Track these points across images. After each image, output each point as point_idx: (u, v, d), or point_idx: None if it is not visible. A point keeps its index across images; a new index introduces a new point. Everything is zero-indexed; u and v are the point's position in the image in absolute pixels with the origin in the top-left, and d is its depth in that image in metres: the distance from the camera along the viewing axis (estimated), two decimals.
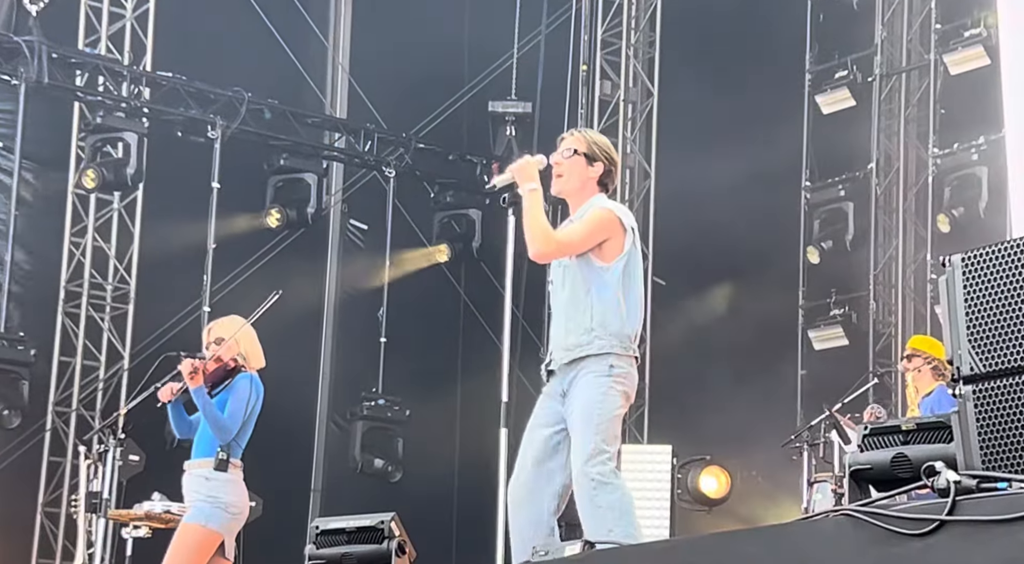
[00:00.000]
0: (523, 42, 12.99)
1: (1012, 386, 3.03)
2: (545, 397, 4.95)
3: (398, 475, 11.98)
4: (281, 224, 11.95)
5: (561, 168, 4.90)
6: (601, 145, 4.95)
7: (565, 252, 4.80)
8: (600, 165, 4.91)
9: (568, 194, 4.95)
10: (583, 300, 4.81)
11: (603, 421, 4.71)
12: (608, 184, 4.97)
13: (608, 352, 4.76)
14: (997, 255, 3.09)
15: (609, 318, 4.79)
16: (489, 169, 12.95)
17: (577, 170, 4.89)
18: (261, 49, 11.96)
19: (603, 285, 4.80)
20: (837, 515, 3.11)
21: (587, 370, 4.77)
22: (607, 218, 4.81)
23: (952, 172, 11.34)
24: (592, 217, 4.81)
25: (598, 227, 4.78)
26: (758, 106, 12.00)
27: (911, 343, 7.70)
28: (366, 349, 12.17)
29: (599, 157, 4.91)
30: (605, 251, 4.82)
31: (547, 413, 4.91)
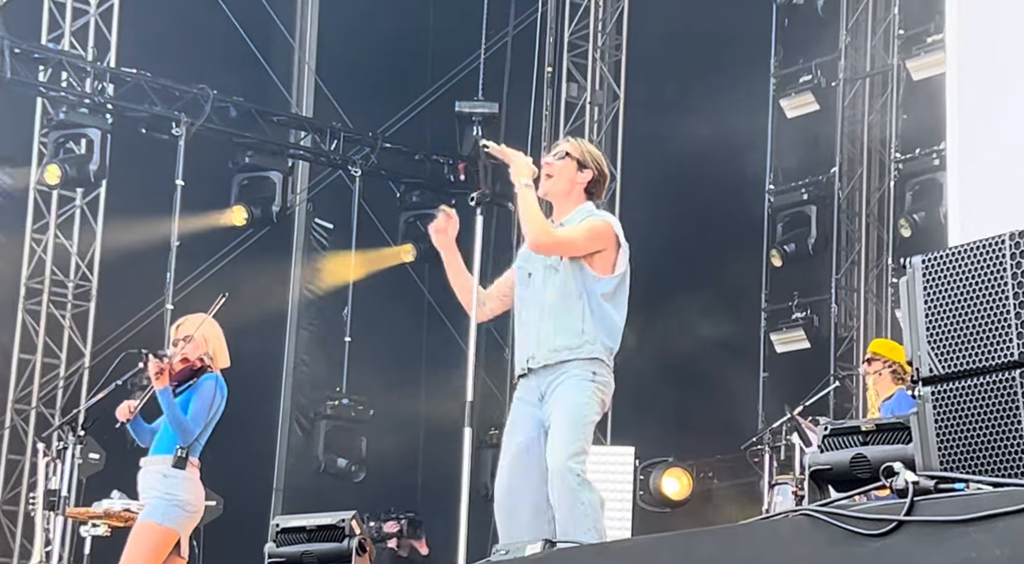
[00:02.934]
0: (490, 43, 13.01)
1: (970, 387, 3.05)
2: (521, 403, 4.96)
3: (361, 475, 11.97)
4: (246, 222, 11.91)
5: (551, 169, 4.94)
6: (594, 154, 5.01)
7: (561, 250, 4.84)
8: (589, 172, 4.95)
9: (555, 196, 4.98)
10: (575, 304, 4.83)
11: (586, 423, 4.74)
12: (595, 193, 5.00)
13: (595, 358, 4.79)
14: (957, 257, 3.12)
15: (599, 327, 4.82)
16: (456, 169, 12.96)
17: (567, 173, 4.93)
18: (227, 47, 11.92)
19: (594, 294, 4.84)
20: (796, 515, 3.13)
21: (570, 374, 4.79)
22: (606, 230, 4.85)
23: (913, 177, 11.43)
24: (592, 225, 4.85)
25: (596, 236, 4.83)
26: (723, 110, 12.05)
27: (871, 346, 7.75)
28: (330, 348, 12.15)
29: (589, 164, 4.95)
30: (596, 262, 4.85)
31: (524, 418, 4.92)
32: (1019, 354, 2.96)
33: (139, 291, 11.37)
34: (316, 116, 12.71)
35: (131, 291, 11.36)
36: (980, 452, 3.02)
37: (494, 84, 12.99)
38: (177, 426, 6.01)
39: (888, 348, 7.53)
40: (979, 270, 3.05)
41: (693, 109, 12.17)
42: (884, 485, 2.98)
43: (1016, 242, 3.01)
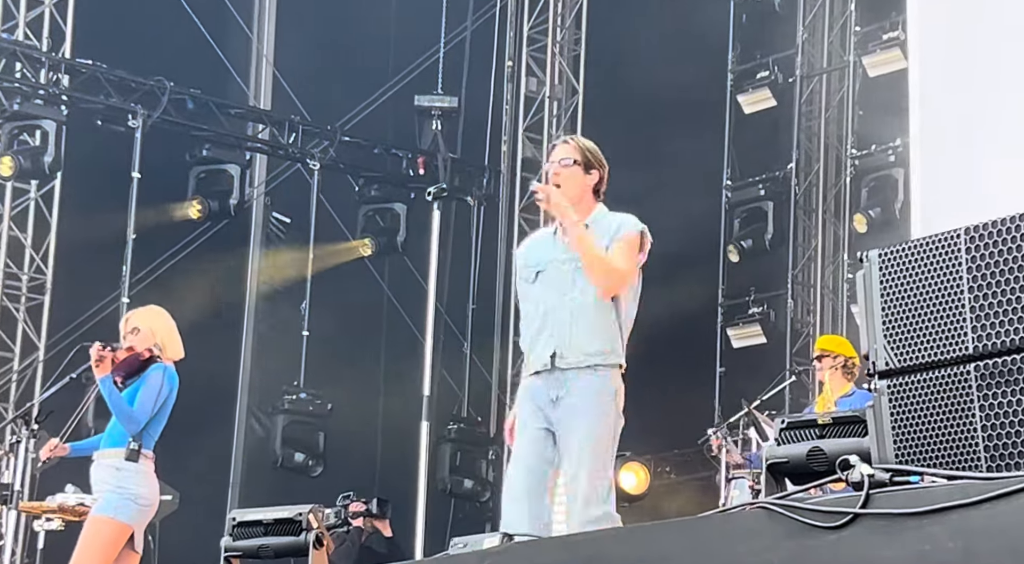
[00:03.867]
0: (449, 36, 12.99)
1: (926, 381, 3.08)
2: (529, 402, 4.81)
3: (319, 469, 11.93)
4: (203, 215, 11.84)
5: (560, 178, 4.86)
6: (595, 152, 4.93)
7: (627, 285, 4.80)
8: (596, 172, 4.90)
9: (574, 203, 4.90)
10: (609, 307, 4.76)
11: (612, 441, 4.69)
12: (601, 190, 4.95)
13: (615, 364, 4.75)
14: (913, 251, 3.14)
15: (624, 333, 4.80)
16: (415, 163, 12.93)
17: (576, 180, 4.86)
18: (184, 39, 11.83)
19: (626, 299, 4.80)
20: (753, 508, 3.14)
21: (594, 387, 4.70)
22: (643, 242, 4.84)
23: (869, 173, 11.52)
24: (631, 243, 4.81)
25: (636, 251, 4.81)
26: (682, 105, 12.09)
27: (819, 344, 7.80)
28: (288, 343, 12.10)
29: (595, 165, 4.90)
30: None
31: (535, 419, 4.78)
32: (973, 348, 2.98)
33: (94, 284, 11.28)
34: (274, 109, 12.64)
35: (86, 284, 11.26)
36: (935, 445, 3.04)
37: (453, 78, 12.98)
38: (121, 415, 5.95)
39: (835, 344, 7.59)
40: (935, 264, 3.07)
41: (652, 104, 12.21)
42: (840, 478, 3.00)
43: (971, 237, 3.04)
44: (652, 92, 12.26)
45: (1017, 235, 2.94)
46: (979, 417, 2.96)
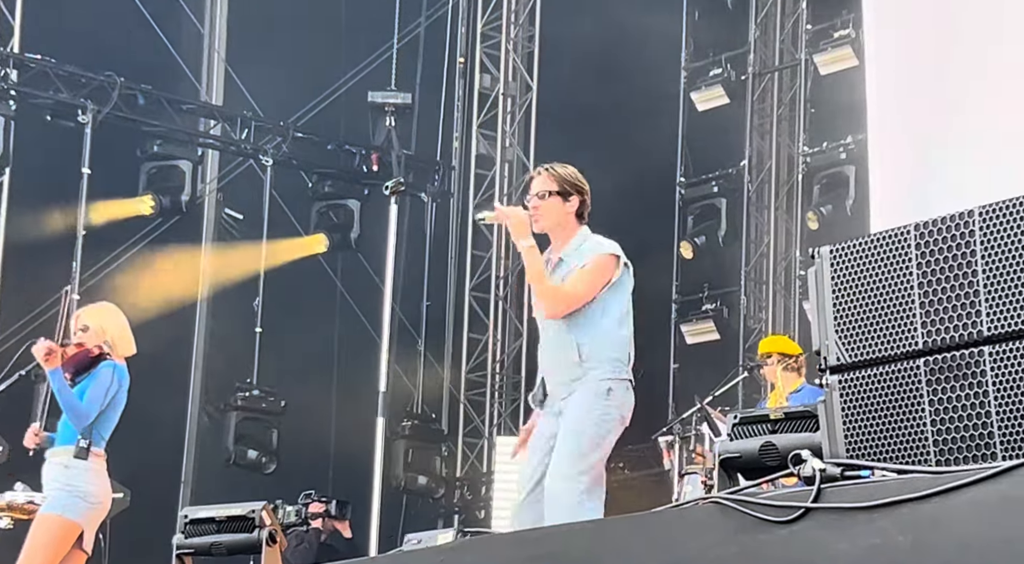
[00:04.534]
0: (403, 33, 12.96)
1: (876, 376, 3.11)
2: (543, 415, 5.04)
3: (272, 466, 11.88)
4: (154, 211, 11.75)
5: (539, 212, 4.98)
6: (571, 178, 5.05)
7: (576, 306, 4.89)
8: (575, 199, 5.01)
9: (549, 231, 5.04)
10: (565, 338, 4.91)
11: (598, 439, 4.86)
12: (584, 213, 5.06)
13: (604, 379, 4.87)
14: (863, 248, 3.17)
15: (597, 347, 4.90)
16: (368, 159, 12.89)
17: (554, 210, 4.99)
18: (135, 34, 11.73)
19: (586, 318, 4.90)
20: (706, 503, 3.16)
21: (581, 392, 4.87)
22: (609, 264, 4.92)
23: (821, 170, 11.61)
24: (596, 265, 4.90)
25: (600, 275, 4.90)
26: (636, 102, 12.13)
27: (761, 348, 7.87)
28: (241, 339, 12.03)
29: (572, 191, 5.01)
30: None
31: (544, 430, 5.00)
32: (923, 343, 3.01)
33: (44, 281, 11.16)
34: (226, 105, 12.56)
35: (36, 280, 11.15)
36: (885, 440, 3.07)
37: (407, 74, 12.94)
38: (69, 409, 5.89)
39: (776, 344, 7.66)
40: (885, 260, 3.10)
41: (605, 101, 12.24)
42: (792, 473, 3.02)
43: (920, 233, 3.07)
44: (606, 89, 12.29)
45: (966, 231, 2.97)
46: (928, 412, 2.99)
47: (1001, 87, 7.67)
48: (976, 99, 7.79)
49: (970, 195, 6.45)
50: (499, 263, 13.17)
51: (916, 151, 8.08)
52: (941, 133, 8.02)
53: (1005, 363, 2.88)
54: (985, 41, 7.90)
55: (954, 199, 6.97)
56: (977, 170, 7.58)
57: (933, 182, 7.90)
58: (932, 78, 8.18)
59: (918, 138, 8.18)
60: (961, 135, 7.89)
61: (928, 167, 7.98)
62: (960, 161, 7.82)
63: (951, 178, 7.79)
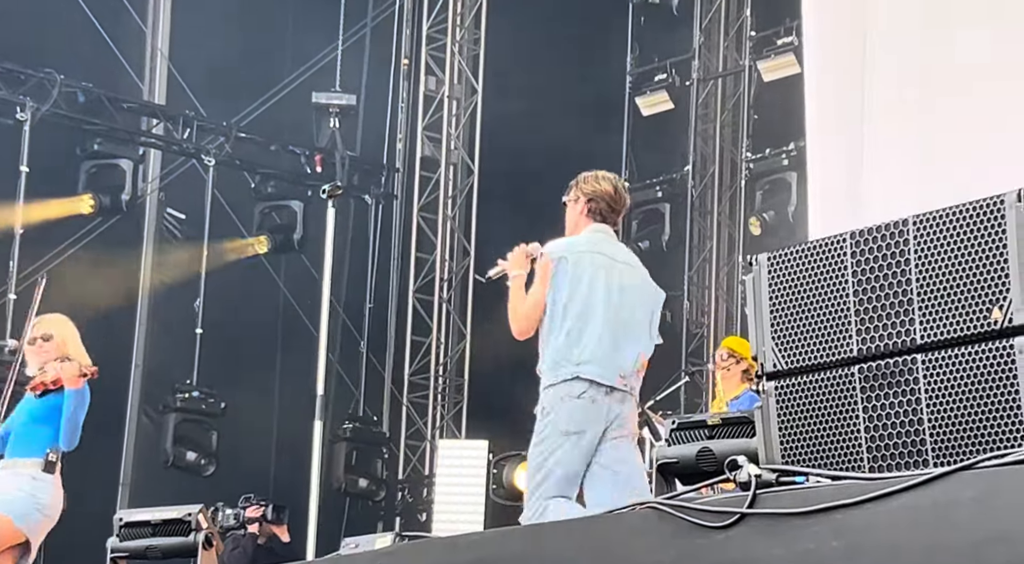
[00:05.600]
0: (348, 34, 12.91)
1: (811, 383, 3.13)
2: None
3: (211, 468, 11.79)
4: (94, 211, 11.62)
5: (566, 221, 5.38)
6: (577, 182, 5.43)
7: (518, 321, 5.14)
8: (582, 201, 5.35)
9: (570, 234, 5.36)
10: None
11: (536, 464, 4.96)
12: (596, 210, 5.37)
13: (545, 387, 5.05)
14: (800, 255, 3.20)
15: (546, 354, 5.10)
16: (312, 160, 12.83)
17: (569, 217, 5.41)
18: (76, 31, 11.60)
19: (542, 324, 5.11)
20: (643, 508, 3.17)
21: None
22: (542, 265, 5.16)
23: (764, 176, 11.70)
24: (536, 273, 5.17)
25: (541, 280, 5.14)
26: (580, 106, 12.16)
27: (725, 343, 7.89)
28: (181, 340, 11.93)
29: (580, 195, 5.37)
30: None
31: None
32: (858, 351, 3.04)
33: None
34: (169, 104, 12.44)
35: None
36: (820, 446, 3.10)
37: (352, 75, 12.90)
38: (74, 428, 5.88)
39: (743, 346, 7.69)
40: (822, 268, 3.13)
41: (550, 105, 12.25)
42: (728, 478, 3.04)
43: (856, 241, 3.10)
44: (551, 93, 12.31)
45: (900, 240, 3.00)
46: (863, 419, 3.02)
47: (936, 95, 7.77)
48: (911, 107, 7.88)
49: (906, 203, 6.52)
50: (443, 266, 13.16)
51: (852, 159, 8.16)
52: (877, 140, 8.10)
53: (937, 371, 2.92)
54: (920, 47, 8.00)
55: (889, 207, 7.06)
56: (912, 178, 7.67)
57: (870, 190, 7.98)
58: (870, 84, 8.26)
59: (854, 146, 8.25)
60: (897, 143, 7.97)
61: (864, 175, 8.06)
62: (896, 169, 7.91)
63: (887, 186, 7.87)
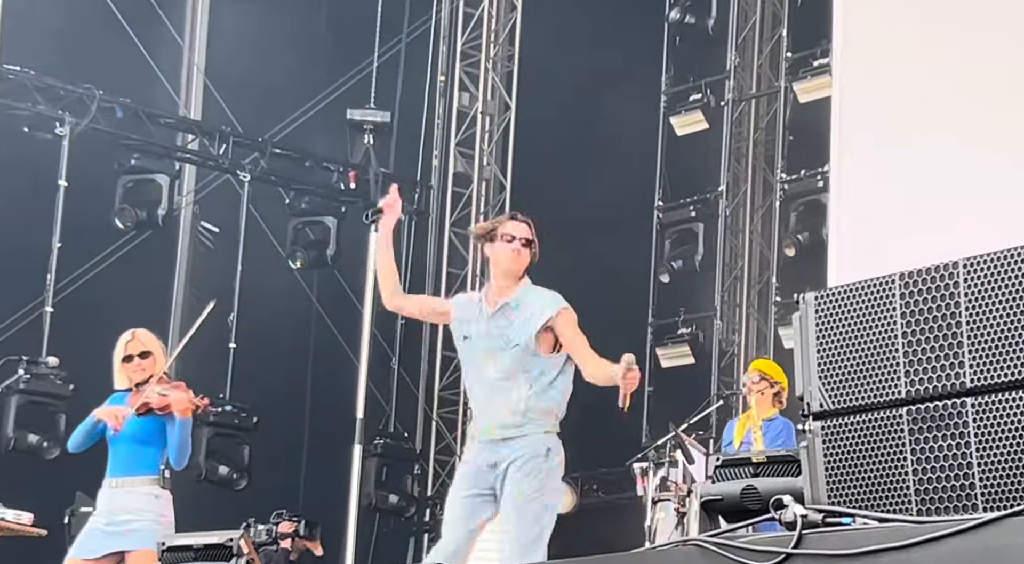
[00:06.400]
0: (383, 50, 12.96)
1: (859, 424, 3.12)
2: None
3: (243, 483, 11.82)
4: (130, 225, 11.70)
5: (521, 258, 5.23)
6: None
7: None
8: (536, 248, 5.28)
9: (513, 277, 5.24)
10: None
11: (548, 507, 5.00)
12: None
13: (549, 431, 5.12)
14: (848, 295, 3.19)
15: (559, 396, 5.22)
16: (346, 177, 12.88)
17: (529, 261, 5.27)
18: (114, 47, 11.69)
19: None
20: (686, 545, 3.17)
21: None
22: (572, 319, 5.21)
23: (798, 198, 11.66)
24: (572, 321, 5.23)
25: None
26: (614, 124, 12.16)
27: (755, 366, 7.88)
28: (214, 354, 11.97)
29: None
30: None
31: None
32: (906, 392, 3.03)
33: (18, 292, 11.11)
34: (204, 119, 12.52)
35: (9, 292, 11.10)
36: (867, 487, 3.09)
37: (386, 92, 12.95)
38: (186, 450, 5.98)
39: (774, 369, 7.67)
40: (870, 308, 3.12)
41: (584, 123, 12.27)
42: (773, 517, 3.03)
43: (905, 282, 3.09)
44: (584, 111, 12.33)
45: (951, 282, 3.00)
46: (911, 461, 3.01)
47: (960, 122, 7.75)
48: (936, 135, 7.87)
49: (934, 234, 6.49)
50: (474, 281, 13.18)
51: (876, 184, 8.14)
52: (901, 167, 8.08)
53: (988, 415, 2.91)
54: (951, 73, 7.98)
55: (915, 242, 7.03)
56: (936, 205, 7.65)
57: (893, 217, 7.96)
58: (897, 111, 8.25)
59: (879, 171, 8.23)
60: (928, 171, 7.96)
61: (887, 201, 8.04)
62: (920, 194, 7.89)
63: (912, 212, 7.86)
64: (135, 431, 6.00)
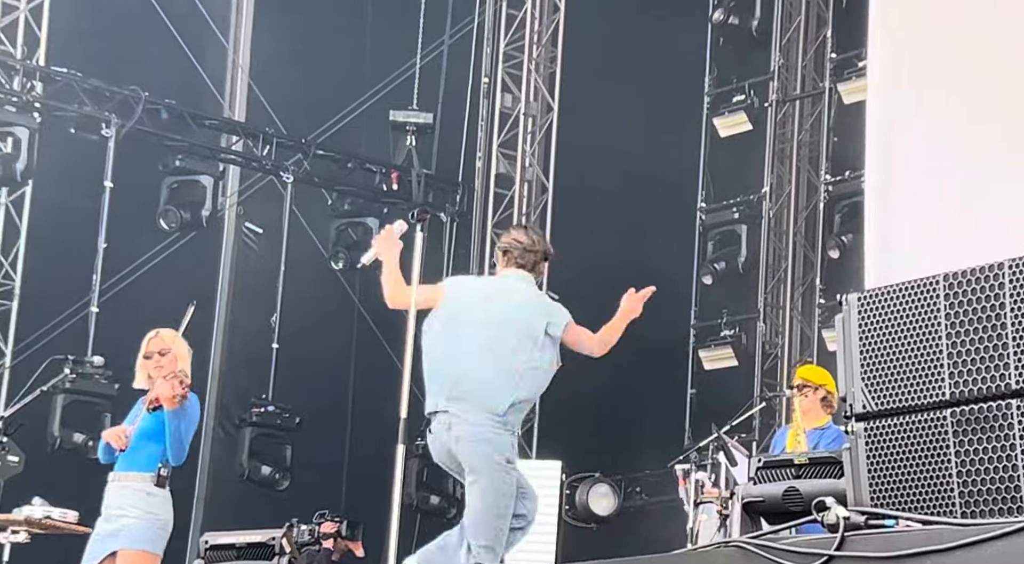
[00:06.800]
0: (426, 51, 12.98)
1: (903, 425, 3.10)
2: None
3: (285, 483, 11.88)
4: (175, 226, 11.78)
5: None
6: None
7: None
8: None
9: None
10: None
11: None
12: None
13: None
14: (891, 296, 3.17)
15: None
16: (388, 178, 12.91)
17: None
18: (160, 48, 11.78)
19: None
20: (728, 547, 3.16)
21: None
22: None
23: (843, 199, 11.59)
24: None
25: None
26: (657, 126, 12.13)
27: (801, 373, 7.82)
28: (257, 355, 12.05)
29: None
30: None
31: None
32: (950, 394, 3.01)
33: (63, 292, 11.21)
34: (248, 120, 12.60)
35: (55, 292, 11.20)
36: (911, 489, 3.06)
37: (429, 93, 12.97)
38: (179, 445, 5.94)
39: (817, 375, 7.61)
40: (914, 310, 3.09)
41: (627, 124, 12.24)
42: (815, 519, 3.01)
43: (949, 283, 3.06)
44: (627, 112, 12.29)
45: (995, 283, 2.97)
46: (954, 463, 2.98)
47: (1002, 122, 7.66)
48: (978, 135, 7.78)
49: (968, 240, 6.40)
50: None
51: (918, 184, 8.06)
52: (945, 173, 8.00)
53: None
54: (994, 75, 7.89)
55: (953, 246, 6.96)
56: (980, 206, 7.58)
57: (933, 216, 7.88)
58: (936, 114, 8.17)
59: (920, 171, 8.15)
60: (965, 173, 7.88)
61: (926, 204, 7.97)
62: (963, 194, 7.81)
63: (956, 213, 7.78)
64: (141, 428, 6.04)
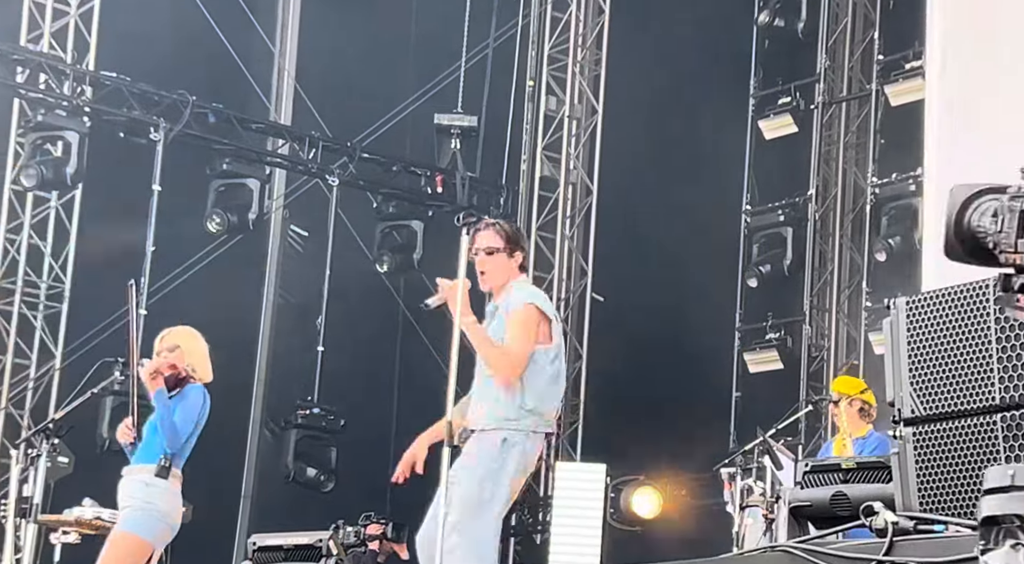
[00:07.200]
0: (470, 55, 13.01)
1: (952, 430, 3.08)
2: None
3: (330, 485, 11.93)
4: (222, 229, 11.87)
5: (484, 266, 5.05)
6: (516, 235, 5.12)
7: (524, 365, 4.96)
8: (519, 254, 5.09)
9: (495, 288, 5.12)
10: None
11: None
12: (525, 265, 5.19)
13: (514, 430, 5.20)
14: (941, 300, 3.15)
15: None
16: (433, 181, 12.95)
17: (500, 266, 5.06)
18: (207, 52, 11.88)
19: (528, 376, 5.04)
20: (775, 551, 3.15)
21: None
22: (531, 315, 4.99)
23: (890, 202, 11.51)
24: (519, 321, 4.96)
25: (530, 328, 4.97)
26: (702, 128, 12.10)
27: (834, 387, 7.80)
28: (303, 357, 12.11)
29: (516, 247, 5.08)
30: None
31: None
32: (1000, 399, 2.98)
33: (112, 295, 11.26)
34: (295, 124, 12.68)
35: (104, 294, 11.26)
36: (960, 494, 3.04)
37: (473, 96, 12.99)
38: (168, 429, 5.96)
39: (849, 385, 7.58)
40: (963, 314, 3.07)
41: (672, 126, 12.22)
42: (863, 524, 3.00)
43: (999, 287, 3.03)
44: (672, 114, 12.27)
45: None
46: None
47: None
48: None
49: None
50: (560, 285, 13.17)
51: None
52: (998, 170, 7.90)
53: None
54: None
55: None
56: None
57: None
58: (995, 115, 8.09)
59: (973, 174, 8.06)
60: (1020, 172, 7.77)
61: None
62: None
63: None
64: (150, 421, 6.12)
